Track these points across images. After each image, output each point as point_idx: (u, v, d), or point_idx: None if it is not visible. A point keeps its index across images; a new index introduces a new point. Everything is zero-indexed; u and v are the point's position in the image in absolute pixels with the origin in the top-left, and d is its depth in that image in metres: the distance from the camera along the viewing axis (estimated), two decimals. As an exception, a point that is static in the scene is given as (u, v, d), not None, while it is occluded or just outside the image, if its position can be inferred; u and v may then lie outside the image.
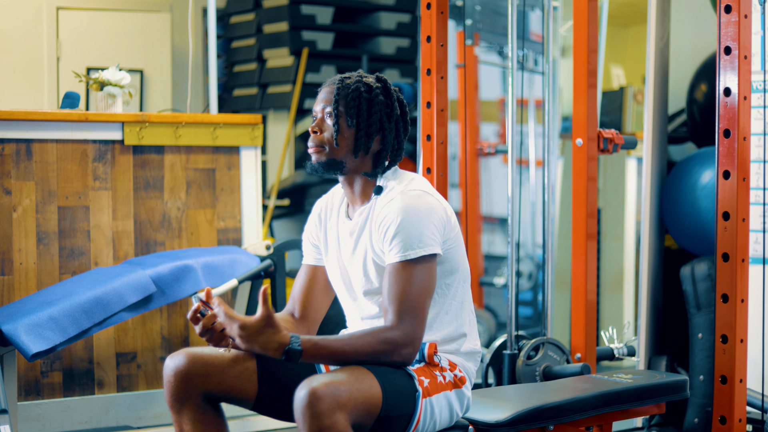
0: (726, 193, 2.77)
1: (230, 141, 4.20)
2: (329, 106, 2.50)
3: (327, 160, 2.50)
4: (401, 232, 2.40)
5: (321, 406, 2.20)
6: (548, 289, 3.84)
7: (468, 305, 2.56)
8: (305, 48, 6.66)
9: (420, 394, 2.40)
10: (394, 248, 2.40)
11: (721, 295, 2.79)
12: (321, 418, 2.20)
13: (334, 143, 2.48)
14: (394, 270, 2.40)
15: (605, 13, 5.22)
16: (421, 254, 2.39)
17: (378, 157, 2.52)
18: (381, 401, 2.32)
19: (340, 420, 2.21)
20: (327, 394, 2.21)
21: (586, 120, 3.56)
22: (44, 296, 3.52)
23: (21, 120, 3.82)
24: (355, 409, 2.26)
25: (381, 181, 2.53)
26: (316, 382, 2.23)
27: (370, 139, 2.50)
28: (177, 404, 2.48)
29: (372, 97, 2.50)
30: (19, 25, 6.33)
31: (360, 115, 2.48)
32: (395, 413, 2.36)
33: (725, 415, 2.79)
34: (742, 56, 2.74)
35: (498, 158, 5.86)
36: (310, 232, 2.67)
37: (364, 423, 2.31)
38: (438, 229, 2.44)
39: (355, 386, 2.27)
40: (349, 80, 2.51)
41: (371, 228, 2.49)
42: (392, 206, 2.45)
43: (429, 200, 2.47)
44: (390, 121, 2.52)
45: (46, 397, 3.89)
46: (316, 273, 2.66)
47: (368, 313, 2.54)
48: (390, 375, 2.37)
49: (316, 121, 2.52)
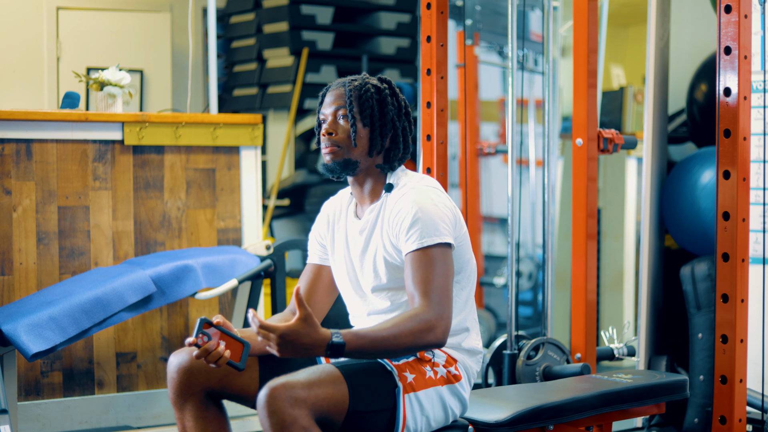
0: (726, 193, 2.78)
1: (230, 141, 4.20)
2: (342, 107, 2.53)
3: (343, 160, 2.53)
4: (418, 221, 2.43)
5: (278, 403, 2.23)
6: (548, 289, 3.85)
7: (471, 303, 2.59)
8: (305, 48, 6.66)
9: (401, 389, 2.41)
10: (412, 236, 2.43)
11: (721, 295, 2.79)
12: (280, 414, 2.23)
13: (352, 143, 2.52)
14: (414, 258, 2.42)
15: (605, 13, 5.22)
16: (438, 241, 2.42)
17: (388, 155, 2.57)
18: (347, 396, 2.34)
19: (300, 415, 2.24)
20: (283, 391, 2.24)
21: (586, 120, 3.56)
22: (44, 296, 3.52)
23: (21, 120, 3.82)
24: (317, 405, 2.28)
25: (391, 179, 2.57)
26: (274, 383, 2.27)
27: (384, 139, 2.55)
28: (180, 401, 2.51)
29: (382, 98, 2.55)
30: (19, 25, 6.34)
31: (374, 115, 2.53)
32: (367, 408, 2.37)
33: (725, 415, 2.79)
34: (742, 56, 2.74)
35: (498, 158, 5.86)
36: (317, 232, 2.70)
37: (333, 419, 2.33)
38: (451, 223, 2.47)
39: (314, 382, 2.30)
40: (357, 82, 2.56)
41: (383, 224, 2.52)
42: (406, 199, 2.48)
43: (441, 195, 2.53)
44: (400, 120, 2.58)
45: (46, 397, 3.89)
46: (321, 272, 2.69)
47: (375, 309, 2.56)
48: (360, 371, 2.40)
49: (329, 123, 2.54)
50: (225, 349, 2.35)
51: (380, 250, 2.52)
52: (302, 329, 2.25)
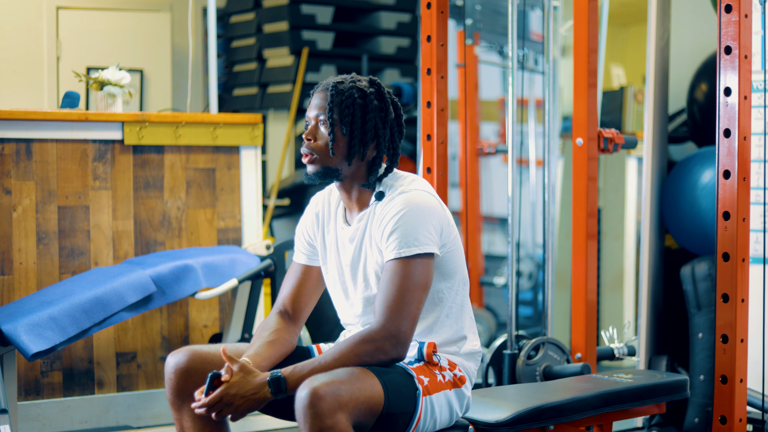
0: (726, 193, 2.77)
1: (230, 141, 4.20)
2: (323, 113, 2.47)
3: (322, 169, 2.48)
4: (398, 229, 2.39)
5: (322, 405, 2.19)
6: (548, 289, 3.84)
7: (467, 308, 2.56)
8: (305, 47, 6.66)
9: (420, 392, 2.40)
10: (391, 245, 2.40)
11: (722, 295, 2.79)
12: (322, 418, 2.19)
13: (330, 152, 2.46)
14: (388, 268, 2.40)
15: (605, 12, 5.22)
16: (416, 252, 2.38)
17: (373, 163, 2.50)
18: (383, 400, 2.32)
19: (341, 420, 2.21)
20: (328, 393, 2.21)
21: (586, 120, 3.56)
22: (44, 296, 3.51)
23: (21, 120, 3.81)
24: (356, 409, 2.25)
25: (381, 187, 2.51)
26: (317, 382, 2.22)
27: (365, 147, 2.47)
28: (178, 401, 2.50)
29: (366, 103, 2.47)
30: (19, 25, 6.33)
31: (354, 123, 2.45)
32: (396, 411, 2.36)
33: (725, 415, 2.79)
34: (742, 56, 2.74)
35: (498, 158, 5.86)
36: (305, 229, 2.64)
37: (366, 422, 2.31)
38: (436, 230, 2.43)
39: (356, 385, 2.27)
40: (342, 85, 2.47)
41: (371, 232, 2.48)
42: (392, 204, 2.44)
43: (429, 200, 2.46)
44: (385, 126, 2.49)
45: (46, 397, 3.89)
46: (309, 273, 2.63)
47: (367, 318, 2.54)
48: (391, 374, 2.37)
49: (310, 129, 2.49)
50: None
51: (370, 260, 2.48)
52: (241, 378, 2.31)
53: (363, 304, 2.53)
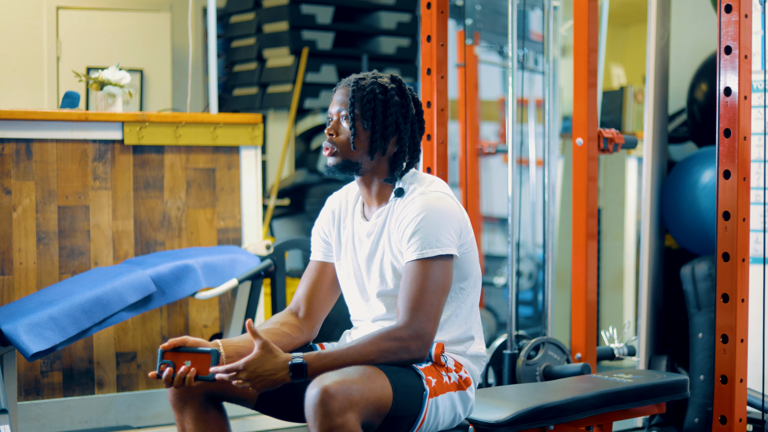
0: (726, 193, 2.77)
1: (230, 141, 4.20)
2: (344, 108, 2.50)
3: (342, 162, 2.50)
4: (420, 230, 2.41)
5: (333, 404, 2.19)
6: (548, 289, 3.84)
7: (476, 310, 2.58)
8: (305, 47, 6.66)
9: (427, 393, 2.40)
10: (412, 246, 2.41)
11: (722, 295, 2.79)
12: (332, 416, 2.19)
13: (351, 146, 2.48)
14: (410, 268, 2.41)
15: (605, 12, 5.22)
16: (438, 253, 2.40)
17: (395, 158, 2.52)
18: (391, 401, 2.32)
19: (351, 419, 2.21)
20: (339, 392, 2.21)
21: (586, 120, 3.56)
22: (44, 296, 3.51)
23: (21, 120, 3.81)
24: (366, 409, 2.25)
25: (401, 184, 2.53)
26: (328, 380, 2.22)
27: (386, 141, 2.50)
28: (179, 403, 2.49)
29: (387, 99, 2.50)
30: (19, 25, 6.33)
31: (375, 117, 2.48)
32: (403, 413, 2.36)
33: (725, 415, 2.79)
34: (742, 56, 2.74)
35: (498, 158, 5.86)
36: (321, 228, 2.66)
37: (373, 422, 2.31)
38: (456, 232, 2.44)
39: (367, 385, 2.27)
40: (364, 81, 2.50)
41: (390, 230, 2.50)
42: (412, 206, 2.45)
43: (449, 202, 2.48)
44: (406, 122, 2.52)
45: (46, 397, 3.89)
46: (324, 270, 2.65)
47: (379, 314, 2.54)
48: (400, 374, 2.37)
49: (332, 124, 2.52)
50: (191, 366, 2.35)
51: (387, 255, 2.50)
52: (262, 356, 2.29)
53: (377, 299, 2.54)
